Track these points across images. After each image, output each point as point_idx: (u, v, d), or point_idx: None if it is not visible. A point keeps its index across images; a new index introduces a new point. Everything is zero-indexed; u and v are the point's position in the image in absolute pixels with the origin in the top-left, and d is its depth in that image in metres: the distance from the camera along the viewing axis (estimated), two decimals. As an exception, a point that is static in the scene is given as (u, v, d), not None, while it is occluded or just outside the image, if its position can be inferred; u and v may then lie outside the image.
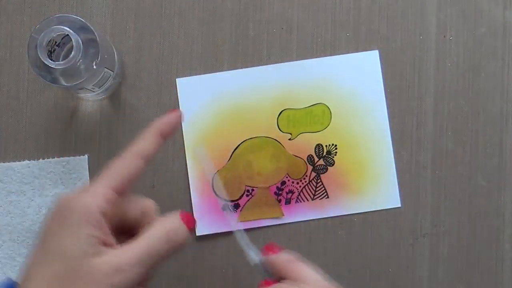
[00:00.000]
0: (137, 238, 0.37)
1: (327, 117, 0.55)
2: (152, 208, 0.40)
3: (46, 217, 0.38)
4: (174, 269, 0.54)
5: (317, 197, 0.55)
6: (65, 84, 0.47)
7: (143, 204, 0.40)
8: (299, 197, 0.55)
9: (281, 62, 0.55)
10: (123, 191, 0.39)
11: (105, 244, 0.36)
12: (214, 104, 0.55)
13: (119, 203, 0.38)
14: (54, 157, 0.54)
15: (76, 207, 0.36)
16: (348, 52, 0.55)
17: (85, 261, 0.35)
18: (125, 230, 0.39)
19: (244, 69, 0.55)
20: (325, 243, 0.55)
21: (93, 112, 0.55)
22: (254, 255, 0.41)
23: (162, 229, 0.38)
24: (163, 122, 0.42)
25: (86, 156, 0.54)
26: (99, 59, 0.46)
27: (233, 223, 0.42)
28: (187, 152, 0.54)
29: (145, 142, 0.40)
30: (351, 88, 0.55)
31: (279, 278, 0.40)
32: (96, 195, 0.37)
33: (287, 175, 0.55)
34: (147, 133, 0.41)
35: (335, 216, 0.55)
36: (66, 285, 0.35)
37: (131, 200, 0.40)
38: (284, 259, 0.40)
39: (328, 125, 0.55)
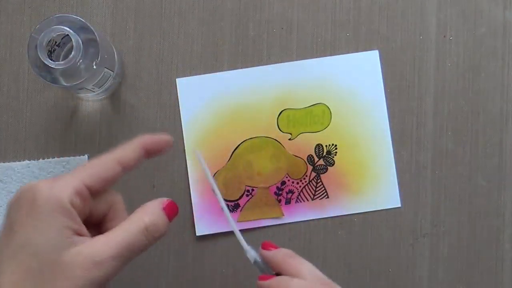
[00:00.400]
0: (114, 230, 0.36)
1: (327, 117, 0.55)
2: (121, 202, 0.39)
3: (9, 207, 0.35)
4: (173, 269, 0.54)
5: (317, 197, 0.55)
6: (65, 84, 0.47)
7: (111, 198, 0.39)
8: (299, 197, 0.55)
9: (281, 62, 0.55)
10: (95, 191, 0.37)
11: (79, 234, 0.35)
12: (214, 104, 0.55)
13: (89, 201, 0.37)
14: (54, 157, 0.54)
15: (44, 197, 0.34)
16: (348, 52, 0.55)
17: (60, 254, 0.33)
18: (89, 224, 0.37)
19: (244, 69, 0.55)
20: (325, 243, 0.55)
21: (93, 112, 0.55)
22: (253, 252, 0.42)
23: (141, 222, 0.36)
24: (150, 138, 0.40)
25: (86, 156, 0.54)
26: (99, 59, 0.46)
27: (232, 222, 0.43)
28: (187, 153, 0.54)
29: (127, 151, 0.39)
30: (351, 88, 0.55)
31: (278, 274, 0.41)
32: (66, 186, 0.35)
33: (287, 175, 0.55)
34: (131, 143, 0.40)
35: (335, 216, 0.55)
36: (41, 281, 0.33)
37: (99, 193, 0.38)
38: (283, 254, 0.42)
39: (328, 125, 0.55)
